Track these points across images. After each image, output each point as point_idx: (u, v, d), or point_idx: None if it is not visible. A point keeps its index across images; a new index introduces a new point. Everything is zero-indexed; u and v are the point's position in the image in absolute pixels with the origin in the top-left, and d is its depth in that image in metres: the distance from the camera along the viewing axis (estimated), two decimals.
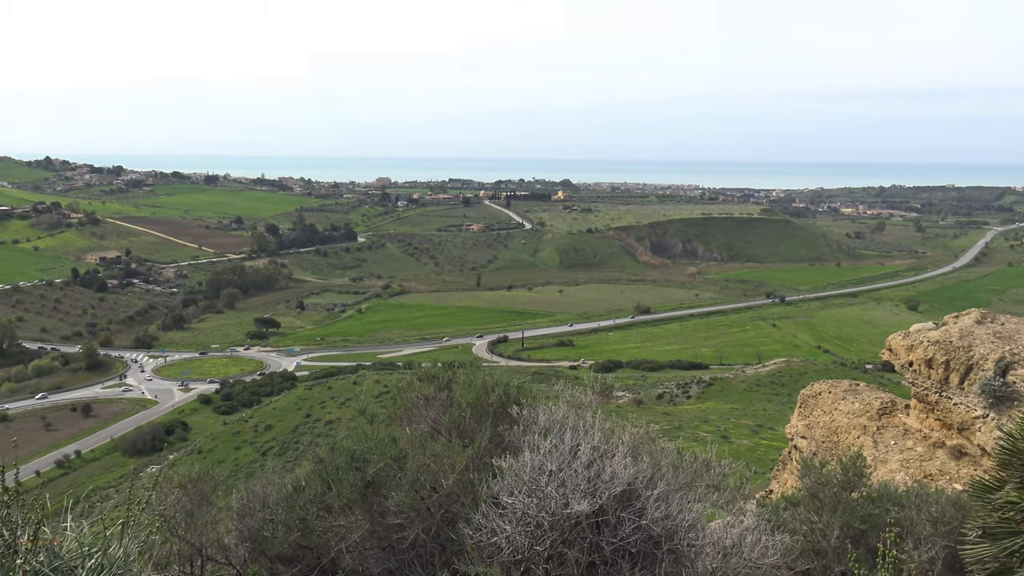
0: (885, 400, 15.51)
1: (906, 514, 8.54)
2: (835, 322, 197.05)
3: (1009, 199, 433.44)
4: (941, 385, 13.48)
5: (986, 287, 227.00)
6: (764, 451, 79.96)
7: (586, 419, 5.82)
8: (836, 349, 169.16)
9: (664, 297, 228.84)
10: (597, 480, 5.12)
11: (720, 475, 6.03)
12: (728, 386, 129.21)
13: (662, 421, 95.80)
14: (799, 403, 17.09)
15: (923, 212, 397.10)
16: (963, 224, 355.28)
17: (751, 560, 5.17)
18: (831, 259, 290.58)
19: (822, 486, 8.15)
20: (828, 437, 15.66)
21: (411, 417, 6.81)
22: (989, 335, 13.19)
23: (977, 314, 14.12)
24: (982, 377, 12.71)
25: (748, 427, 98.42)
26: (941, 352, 13.38)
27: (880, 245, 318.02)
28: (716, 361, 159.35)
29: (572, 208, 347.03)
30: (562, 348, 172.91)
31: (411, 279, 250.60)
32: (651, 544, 5.19)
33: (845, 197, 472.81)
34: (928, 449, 13.82)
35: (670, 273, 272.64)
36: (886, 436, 14.55)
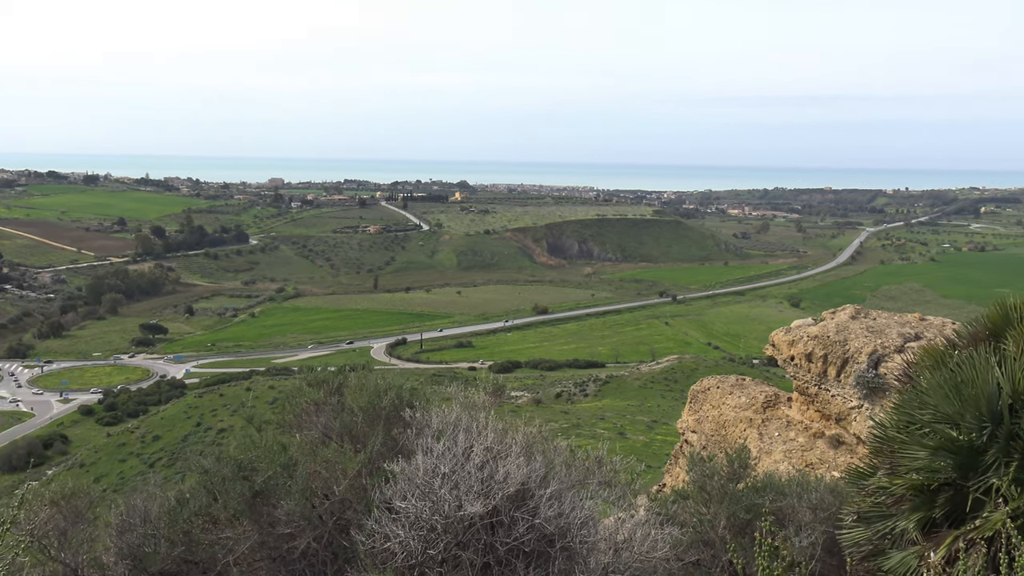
0: (769, 394, 16.17)
1: (788, 502, 8.92)
2: (724, 319, 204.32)
3: (880, 201, 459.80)
4: (820, 378, 14.15)
5: (861, 284, 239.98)
6: (659, 446, 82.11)
7: (479, 420, 5.82)
8: (725, 345, 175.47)
9: (561, 297, 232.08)
10: (490, 481, 5.12)
11: (611, 471, 6.14)
12: (624, 383, 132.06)
13: (560, 419, 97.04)
14: (689, 399, 17.61)
15: (804, 213, 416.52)
16: (840, 225, 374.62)
17: (641, 554, 5.28)
18: (720, 258, 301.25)
19: (709, 478, 8.41)
20: (717, 431, 16.20)
21: (301, 424, 6.65)
22: (863, 330, 13.94)
23: (852, 310, 14.90)
24: (857, 370, 13.42)
25: (644, 423, 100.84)
26: (820, 347, 14.05)
27: (765, 245, 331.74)
28: (612, 359, 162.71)
29: (470, 209, 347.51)
30: (461, 349, 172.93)
31: (306, 282, 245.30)
32: (545, 543, 5.22)
33: (732, 199, 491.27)
34: (809, 439, 14.49)
35: (567, 273, 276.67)
36: (770, 428, 15.17)
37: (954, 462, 7.05)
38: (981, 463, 6.91)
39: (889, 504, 7.64)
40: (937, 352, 7.86)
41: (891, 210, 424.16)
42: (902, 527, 7.44)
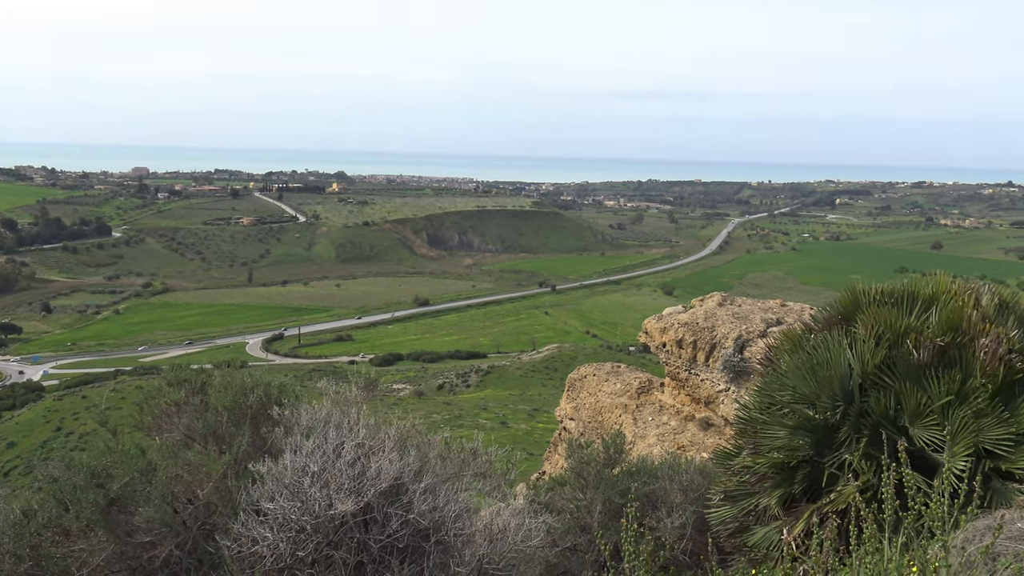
0: (643, 379, 16.64)
1: (660, 485, 9.19)
2: (601, 308, 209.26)
3: (746, 193, 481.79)
4: (690, 363, 14.66)
5: (729, 272, 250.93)
6: (541, 434, 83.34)
7: (351, 416, 5.68)
8: (603, 333, 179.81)
9: (442, 289, 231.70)
10: (362, 477, 5.01)
11: (487, 462, 6.14)
12: (505, 373, 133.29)
13: (443, 411, 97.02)
14: (567, 386, 17.90)
15: (676, 205, 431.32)
16: (709, 216, 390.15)
17: (516, 543, 5.30)
18: (597, 249, 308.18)
19: (586, 465, 8.56)
20: (594, 417, 16.55)
21: (161, 426, 6.31)
22: (729, 316, 14.52)
23: (719, 297, 15.51)
24: (724, 355, 13.97)
25: (525, 412, 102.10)
26: (689, 333, 14.55)
27: (639, 235, 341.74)
28: (494, 349, 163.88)
29: (348, 201, 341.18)
30: (341, 343, 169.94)
31: (175, 276, 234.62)
32: (419, 537, 5.16)
33: (608, 190, 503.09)
34: (681, 423, 15.00)
35: (447, 265, 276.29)
36: (644, 413, 15.62)
37: (811, 440, 7.44)
38: (835, 440, 7.32)
39: (753, 482, 8.00)
40: (795, 336, 8.27)
41: (756, 201, 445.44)
42: (765, 503, 7.80)
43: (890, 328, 7.36)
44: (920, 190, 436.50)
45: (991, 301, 7.77)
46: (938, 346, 7.09)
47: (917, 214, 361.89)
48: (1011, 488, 6.49)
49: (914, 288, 7.90)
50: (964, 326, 7.22)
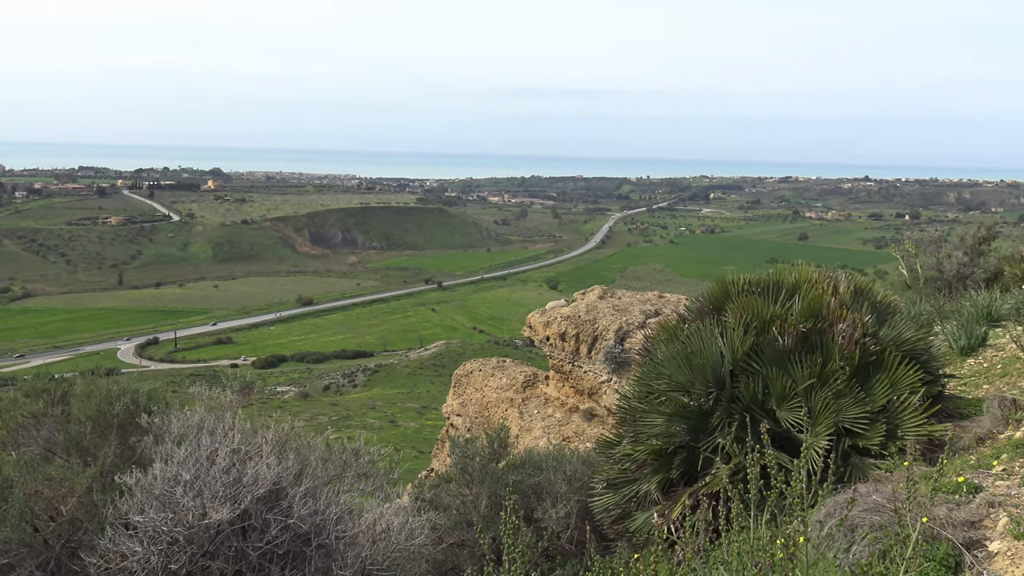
0: (528, 373, 16.83)
1: (545, 476, 9.33)
2: (488, 304, 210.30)
3: (626, 188, 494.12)
4: (573, 356, 14.93)
5: (611, 266, 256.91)
6: (430, 431, 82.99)
7: (226, 421, 5.49)
8: (490, 329, 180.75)
9: (326, 287, 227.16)
10: (238, 484, 4.85)
11: (370, 462, 6.06)
12: (393, 371, 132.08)
13: (330, 412, 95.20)
14: (453, 383, 17.90)
15: (559, 200, 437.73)
16: (591, 211, 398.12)
17: (400, 542, 5.27)
18: (482, 245, 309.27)
19: (471, 460, 8.59)
20: (480, 412, 16.62)
21: (18, 440, 5.91)
22: (610, 308, 14.87)
23: (600, 290, 15.85)
24: (606, 346, 14.30)
25: (414, 410, 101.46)
26: (572, 326, 14.82)
27: (524, 231, 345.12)
28: (381, 348, 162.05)
29: (225, 198, 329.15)
30: (221, 346, 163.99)
31: (37, 280, 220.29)
32: (300, 542, 5.04)
33: (492, 187, 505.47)
34: (565, 415, 15.26)
35: (331, 263, 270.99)
36: (530, 406, 15.80)
37: (687, 426, 7.71)
38: (709, 425, 7.62)
39: (633, 469, 8.23)
40: (670, 327, 8.55)
41: (635, 196, 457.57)
42: (645, 489, 8.04)
43: (757, 316, 7.71)
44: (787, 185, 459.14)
45: (848, 289, 8.27)
46: (801, 332, 7.48)
47: (785, 207, 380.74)
48: (867, 463, 6.93)
49: (778, 278, 8.30)
50: (824, 312, 7.65)
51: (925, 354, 8.03)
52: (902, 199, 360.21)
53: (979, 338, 11.11)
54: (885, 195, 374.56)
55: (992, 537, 5.09)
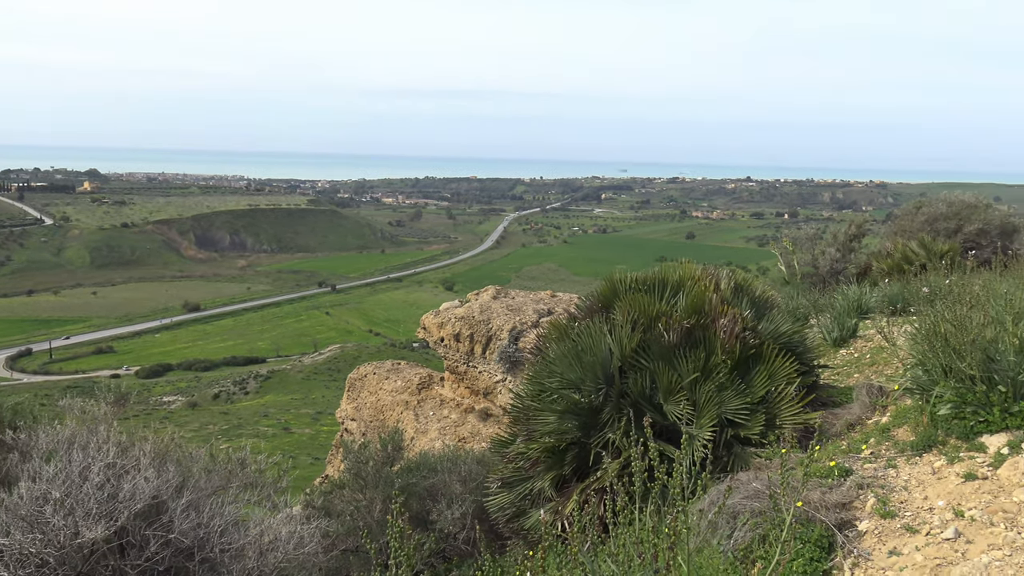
0: (424, 375, 16.76)
1: (440, 478, 9.30)
2: (384, 306, 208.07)
3: (520, 189, 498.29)
4: (468, 356, 14.95)
5: (507, 266, 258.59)
6: (326, 437, 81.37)
7: (100, 434, 5.22)
8: (386, 331, 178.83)
9: (215, 292, 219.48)
10: (114, 500, 4.63)
11: (257, 471, 5.89)
12: (287, 377, 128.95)
13: (220, 421, 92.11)
14: (347, 387, 17.64)
15: (453, 201, 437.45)
16: (486, 211, 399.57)
17: (288, 552, 5.14)
18: (377, 247, 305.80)
19: (364, 464, 8.47)
20: (375, 416, 16.43)
21: None
22: (503, 308, 14.97)
23: (493, 290, 15.94)
24: (500, 346, 14.39)
25: (309, 416, 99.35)
26: (466, 327, 14.84)
27: (419, 232, 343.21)
28: (273, 353, 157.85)
29: (103, 201, 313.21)
30: (102, 356, 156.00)
31: None
32: (183, 557, 4.85)
33: (386, 188, 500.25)
34: (461, 415, 15.26)
35: (219, 267, 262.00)
36: (426, 408, 15.73)
37: (579, 422, 7.84)
38: (599, 421, 7.76)
39: (527, 468, 8.31)
40: (561, 325, 8.67)
41: (529, 197, 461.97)
42: (539, 487, 8.13)
43: (644, 313, 7.92)
44: (674, 185, 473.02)
45: (728, 285, 8.59)
46: (685, 328, 7.72)
47: (673, 207, 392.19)
48: (749, 452, 7.23)
49: (664, 276, 8.55)
50: (707, 309, 7.92)
51: (800, 346, 8.43)
52: (782, 199, 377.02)
53: (850, 330, 11.75)
54: (766, 195, 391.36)
55: (861, 517, 5.39)
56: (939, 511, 5.16)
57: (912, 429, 6.43)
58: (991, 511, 4.95)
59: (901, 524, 5.16)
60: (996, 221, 18.47)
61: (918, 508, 5.29)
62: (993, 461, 5.44)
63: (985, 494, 5.16)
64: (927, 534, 4.97)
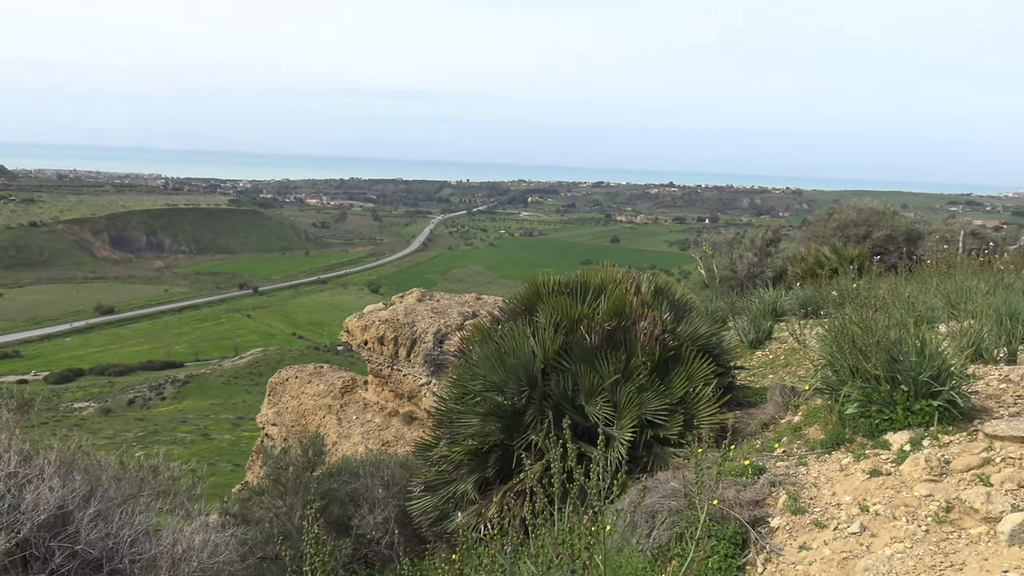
0: (347, 379, 16.54)
1: (363, 482, 9.20)
2: (307, 308, 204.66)
3: (446, 191, 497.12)
4: (392, 360, 14.83)
5: (433, 269, 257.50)
6: (247, 443, 79.48)
7: (0, 442, 4.99)
8: (310, 334, 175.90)
9: (130, 295, 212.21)
10: (16, 511, 4.43)
11: (170, 479, 5.72)
12: (206, 382, 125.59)
13: (135, 428, 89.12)
14: (268, 391, 17.28)
15: (379, 203, 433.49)
16: (412, 214, 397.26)
17: (203, 562, 5.00)
18: (300, 248, 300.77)
19: (284, 470, 8.32)
20: (297, 421, 16.14)
21: None
22: (428, 311, 14.90)
23: (418, 293, 15.85)
24: (424, 349, 14.31)
25: (229, 421, 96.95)
26: (391, 329, 14.71)
27: (344, 233, 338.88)
28: (192, 357, 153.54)
29: (9, 199, 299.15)
30: (7, 361, 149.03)
31: None
32: (91, 569, 4.67)
33: (310, 188, 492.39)
34: (385, 419, 15.12)
35: (135, 268, 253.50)
36: (349, 412, 15.53)
37: (502, 425, 7.87)
38: (522, 423, 7.81)
39: (451, 471, 8.29)
40: (484, 328, 8.69)
41: (456, 200, 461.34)
42: (462, 490, 8.12)
43: (566, 316, 8.00)
44: (600, 189, 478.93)
45: (649, 288, 8.75)
46: (607, 330, 7.83)
47: (598, 211, 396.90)
48: (668, 452, 7.37)
49: (586, 279, 8.65)
50: (627, 311, 8.05)
51: (718, 348, 8.65)
52: (703, 204, 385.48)
53: (766, 332, 12.10)
54: (688, 200, 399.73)
55: (774, 514, 5.55)
56: (846, 506, 5.36)
57: (822, 428, 6.67)
58: (894, 505, 5.17)
59: (811, 520, 5.34)
60: (902, 228, 19.30)
61: (827, 504, 5.48)
62: (896, 457, 5.68)
63: (888, 489, 5.38)
64: (835, 529, 5.15)
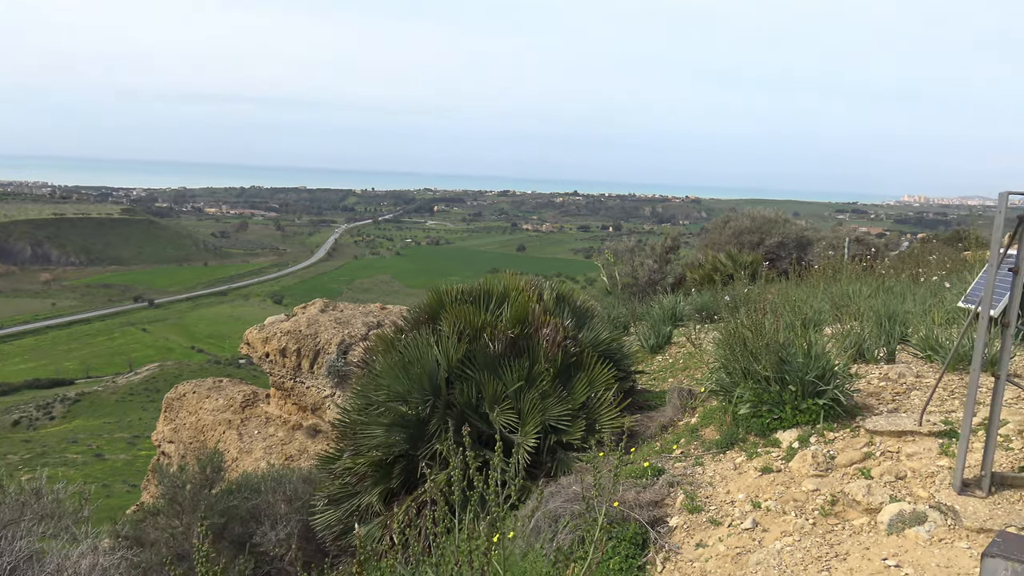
0: (248, 392, 16.12)
1: (264, 498, 8.98)
2: (207, 321, 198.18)
3: (351, 200, 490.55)
4: (295, 372, 14.54)
5: (338, 279, 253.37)
6: (143, 463, 76.23)
7: None
8: (210, 348, 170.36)
9: (13, 309, 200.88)
10: None
11: (54, 501, 5.44)
12: (99, 399, 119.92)
13: (21, 450, 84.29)
14: (164, 407, 16.68)
15: (281, 212, 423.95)
16: (316, 223, 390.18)
17: None
18: (199, 259, 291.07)
19: (180, 489, 8.04)
20: (196, 437, 15.62)
21: None
22: (331, 321, 14.69)
23: (321, 303, 15.60)
24: (328, 360, 14.09)
25: (124, 440, 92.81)
26: (293, 341, 14.43)
27: (245, 243, 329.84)
28: (83, 374, 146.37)
29: None
30: None
31: None
32: None
33: (209, 197, 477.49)
34: (288, 432, 14.80)
35: (19, 281, 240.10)
36: (250, 427, 15.14)
37: (406, 435, 7.82)
38: (427, 432, 7.78)
39: (355, 483, 8.18)
40: (388, 337, 8.62)
41: (361, 208, 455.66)
42: (367, 502, 8.03)
43: (470, 324, 8.03)
44: (506, 198, 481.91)
45: (551, 295, 8.87)
46: (510, 338, 7.90)
47: (504, 220, 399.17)
48: (571, 457, 7.48)
49: (489, 287, 8.71)
50: (530, 319, 8.14)
51: (619, 353, 8.83)
52: (607, 212, 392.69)
53: (666, 337, 12.43)
54: (592, 208, 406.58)
55: (672, 513, 5.71)
56: (740, 503, 5.56)
57: (717, 428, 6.90)
58: (784, 501, 5.39)
59: (707, 518, 5.52)
60: (793, 234, 20.16)
61: (722, 502, 5.67)
62: (786, 455, 5.93)
63: (779, 485, 5.61)
64: (729, 526, 5.34)
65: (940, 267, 12.56)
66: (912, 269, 12.57)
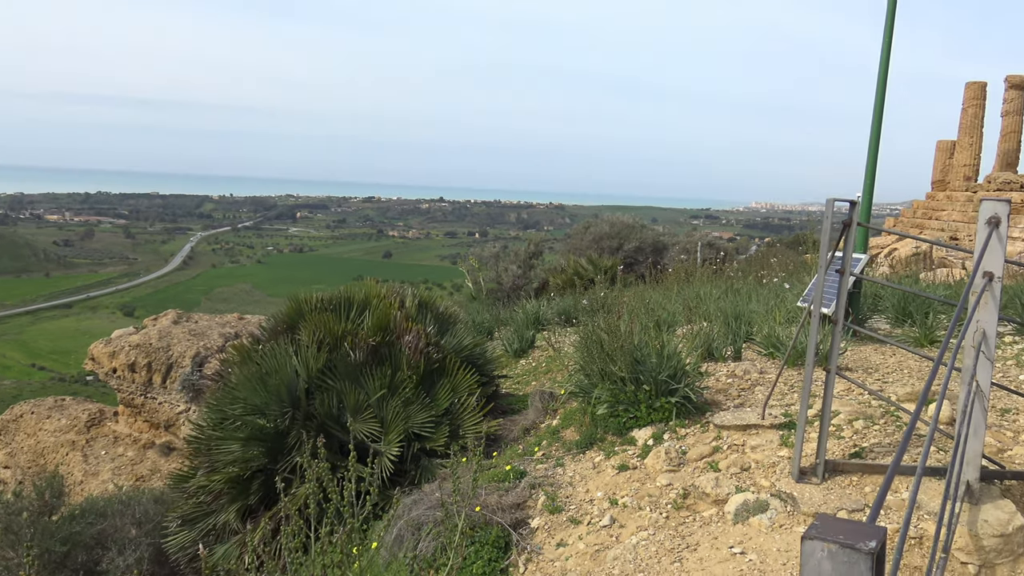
0: (93, 411, 15.17)
1: (111, 522, 8.47)
2: (49, 336, 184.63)
3: (208, 207, 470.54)
4: (146, 387, 13.81)
5: (195, 288, 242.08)
6: None
7: None
8: (53, 365, 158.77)
9: None
10: None
11: None
12: None
13: None
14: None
15: (132, 219, 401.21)
16: (170, 230, 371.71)
17: None
18: (40, 270, 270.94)
19: (15, 516, 7.47)
20: (35, 461, 14.56)
21: None
22: (186, 333, 14.05)
23: (174, 315, 14.89)
24: (182, 374, 13.48)
25: None
26: (143, 355, 13.70)
27: (92, 252, 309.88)
28: None
29: None
30: None
31: None
32: None
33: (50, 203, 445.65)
34: (139, 452, 14.03)
35: None
36: (96, 447, 14.25)
37: (265, 448, 7.58)
38: (286, 445, 7.57)
39: (210, 501, 7.85)
40: (244, 348, 8.34)
41: (219, 215, 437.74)
42: (224, 520, 7.72)
43: (330, 333, 7.88)
44: (371, 204, 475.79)
45: (413, 302, 8.83)
46: (371, 346, 7.80)
47: (369, 226, 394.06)
48: (435, 463, 7.46)
49: (349, 295, 8.57)
50: (392, 326, 8.07)
51: (482, 358, 8.90)
52: (473, 219, 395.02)
53: (529, 341, 12.62)
54: (458, 215, 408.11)
55: (534, 515, 5.80)
56: (598, 501, 5.72)
57: (577, 429, 7.06)
58: (639, 496, 5.58)
59: (567, 517, 5.64)
60: (650, 240, 20.95)
61: (581, 501, 5.81)
62: (641, 452, 6.14)
63: (635, 482, 5.80)
64: (588, 524, 5.48)
65: (782, 269, 13.38)
66: (757, 272, 13.32)
